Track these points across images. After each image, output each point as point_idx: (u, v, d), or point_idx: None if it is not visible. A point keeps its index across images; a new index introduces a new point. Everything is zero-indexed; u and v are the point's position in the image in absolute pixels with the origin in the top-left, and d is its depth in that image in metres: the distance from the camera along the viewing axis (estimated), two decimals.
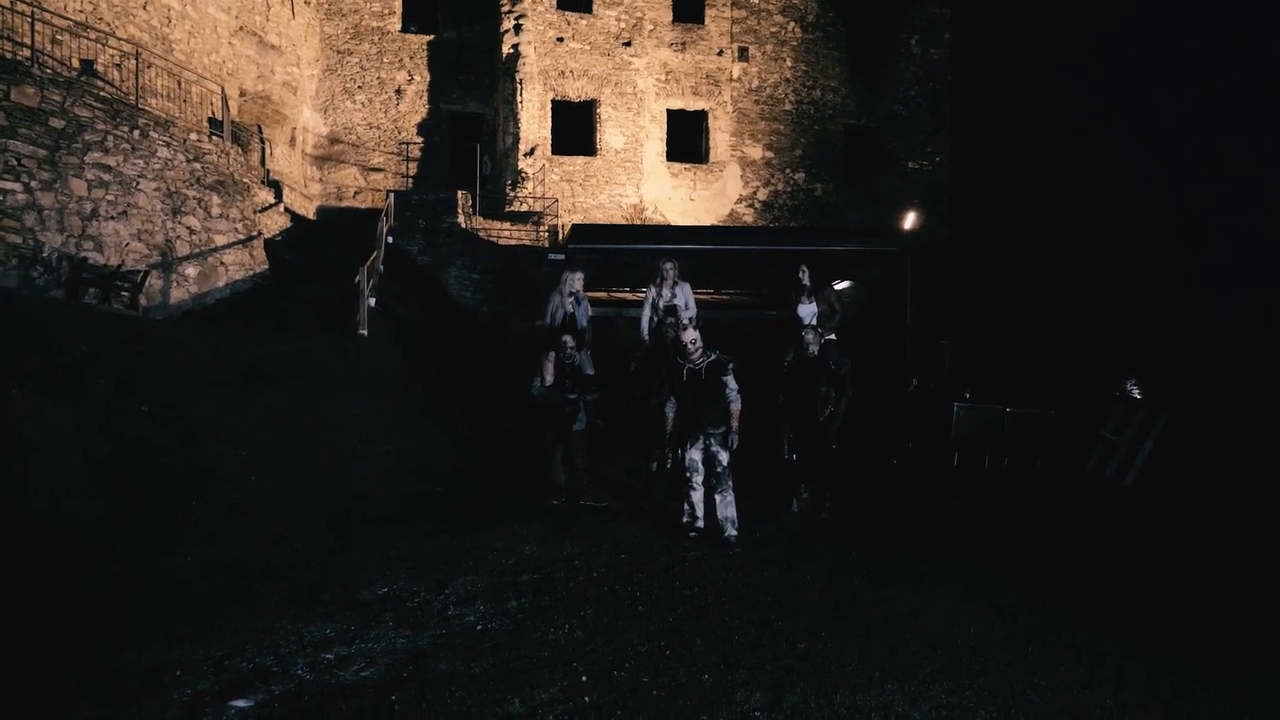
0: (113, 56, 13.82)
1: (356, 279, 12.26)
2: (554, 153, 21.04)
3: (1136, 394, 12.59)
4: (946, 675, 4.38)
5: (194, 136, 12.63)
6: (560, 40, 21.05)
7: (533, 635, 4.69)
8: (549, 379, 8.15)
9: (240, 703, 3.79)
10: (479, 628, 4.83)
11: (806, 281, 10.19)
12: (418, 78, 21.27)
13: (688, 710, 3.88)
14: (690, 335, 6.96)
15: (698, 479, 7.00)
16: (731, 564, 6.32)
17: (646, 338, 9.16)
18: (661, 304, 9.20)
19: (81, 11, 13.56)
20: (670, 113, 22.10)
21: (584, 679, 4.18)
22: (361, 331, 11.90)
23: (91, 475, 6.46)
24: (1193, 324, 16.82)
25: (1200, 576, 6.86)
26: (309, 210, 19.44)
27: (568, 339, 8.31)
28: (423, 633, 4.74)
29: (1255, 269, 17.45)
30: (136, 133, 11.57)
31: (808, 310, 10.09)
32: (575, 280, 9.34)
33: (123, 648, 4.33)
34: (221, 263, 12.69)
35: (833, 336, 9.78)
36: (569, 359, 8.24)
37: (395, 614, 5.03)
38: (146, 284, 11.21)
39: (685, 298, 9.24)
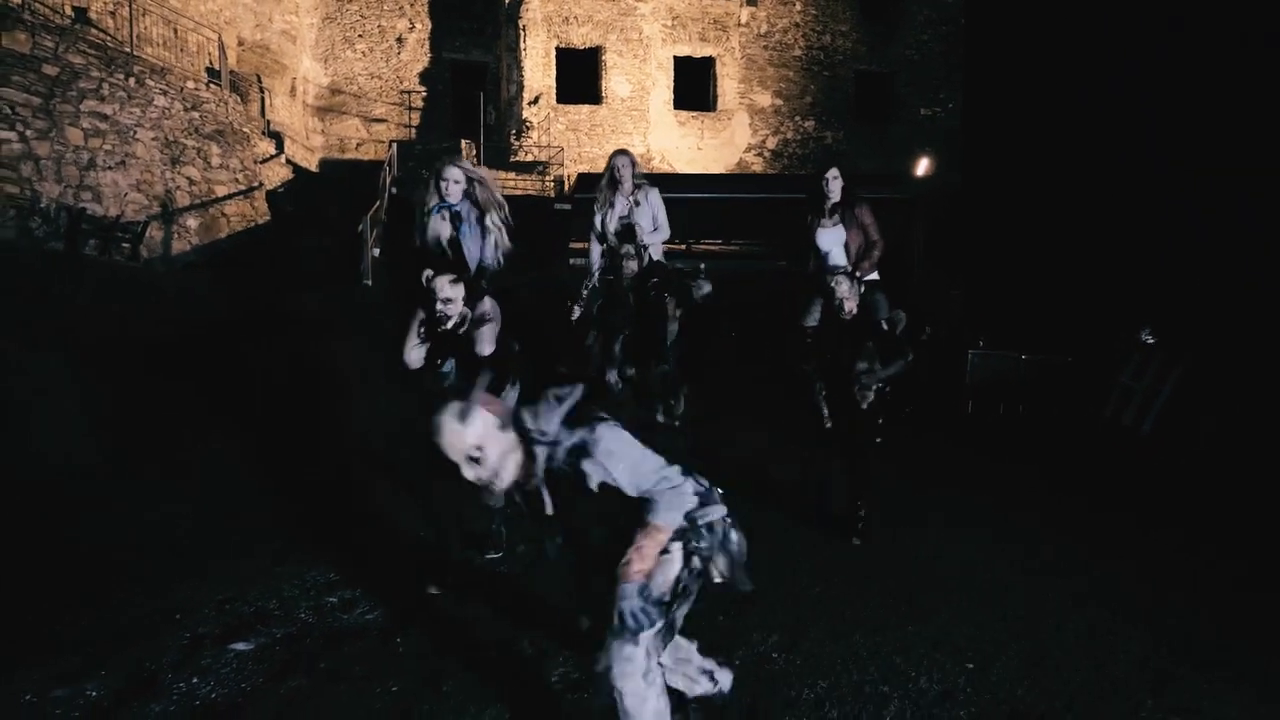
0: (106, 4, 13.50)
1: (360, 229, 12.08)
2: (559, 101, 20.64)
3: (1150, 340, 12.37)
4: (968, 619, 4.26)
5: (191, 85, 12.38)
6: None
7: (539, 577, 4.57)
8: (411, 347, 4.75)
9: (240, 645, 3.69)
10: (485, 570, 4.73)
11: (835, 195, 6.25)
12: (419, 25, 20.82)
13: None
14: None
15: None
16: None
17: (595, 275, 6.30)
18: (612, 226, 6.14)
19: None
20: (677, 60, 21.60)
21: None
22: (366, 281, 11.74)
23: (87, 426, 6.37)
24: (1214, 269, 16.53)
25: (1220, 518, 6.75)
26: (311, 162, 19.16)
27: (429, 274, 4.64)
28: (428, 576, 4.63)
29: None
30: (132, 80, 11.32)
31: (832, 238, 6.32)
32: (453, 180, 4.83)
33: (121, 592, 4.24)
34: (223, 214, 12.49)
35: (875, 276, 6.38)
36: (443, 312, 4.54)
37: (399, 558, 4.94)
38: (147, 235, 11.04)
39: (653, 210, 6.14)
